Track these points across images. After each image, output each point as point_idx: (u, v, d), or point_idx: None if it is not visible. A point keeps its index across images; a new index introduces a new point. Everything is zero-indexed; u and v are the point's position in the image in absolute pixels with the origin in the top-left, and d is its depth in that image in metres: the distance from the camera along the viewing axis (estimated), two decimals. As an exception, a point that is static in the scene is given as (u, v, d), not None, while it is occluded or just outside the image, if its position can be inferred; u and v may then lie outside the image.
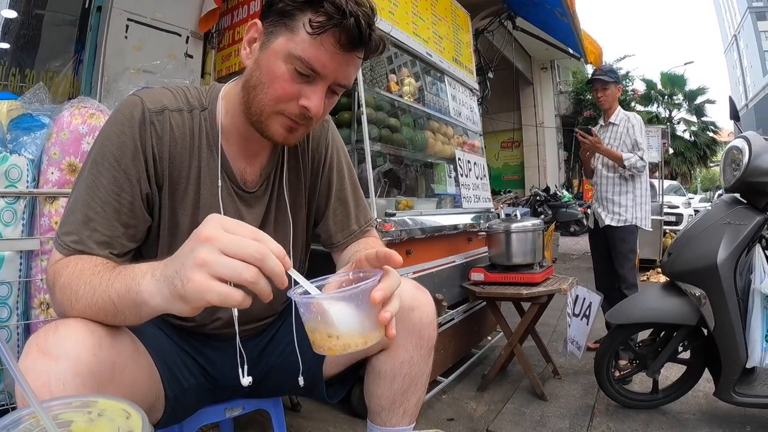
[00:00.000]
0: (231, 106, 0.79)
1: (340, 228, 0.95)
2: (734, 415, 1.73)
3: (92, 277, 0.62)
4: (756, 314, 1.54)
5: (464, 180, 2.55)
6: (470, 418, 1.81)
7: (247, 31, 0.74)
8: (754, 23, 38.11)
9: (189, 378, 0.83)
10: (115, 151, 0.72)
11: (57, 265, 0.67)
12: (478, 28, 4.36)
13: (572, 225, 9.93)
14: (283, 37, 0.69)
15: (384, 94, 2.12)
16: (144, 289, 0.55)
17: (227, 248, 0.49)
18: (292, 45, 0.68)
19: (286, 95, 0.70)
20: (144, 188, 0.75)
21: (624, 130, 2.50)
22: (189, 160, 0.79)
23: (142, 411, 0.40)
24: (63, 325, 0.61)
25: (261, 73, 0.71)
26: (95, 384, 0.58)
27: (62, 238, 0.69)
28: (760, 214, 1.60)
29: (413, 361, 0.86)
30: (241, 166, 0.83)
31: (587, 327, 1.92)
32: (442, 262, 2.14)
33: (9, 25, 2.38)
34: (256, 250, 0.50)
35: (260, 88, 0.71)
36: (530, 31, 5.42)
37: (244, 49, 0.74)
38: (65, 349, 0.57)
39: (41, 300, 1.31)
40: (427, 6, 2.52)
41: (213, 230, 0.50)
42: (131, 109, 0.74)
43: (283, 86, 0.69)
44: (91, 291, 0.61)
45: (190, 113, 0.79)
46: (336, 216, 0.95)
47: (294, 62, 0.68)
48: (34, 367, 0.56)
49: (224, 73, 2.68)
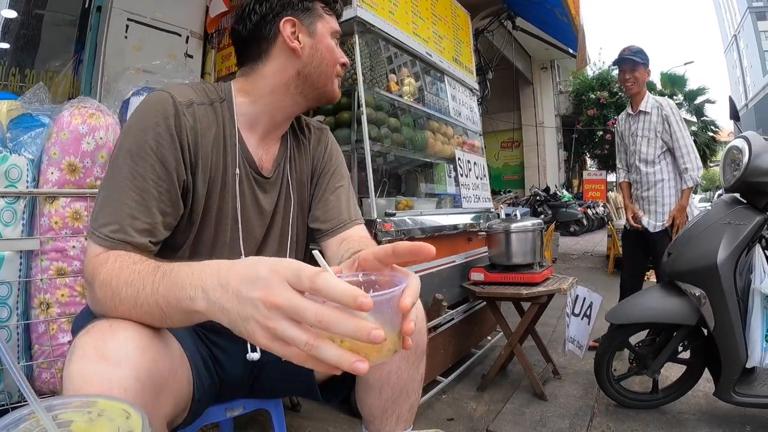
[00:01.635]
0: (266, 95, 0.89)
1: (331, 216, 0.99)
2: (734, 415, 1.73)
3: (133, 276, 0.61)
4: (756, 314, 1.54)
5: (464, 180, 2.55)
6: (470, 418, 1.81)
7: (284, 29, 0.86)
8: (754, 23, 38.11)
9: (206, 378, 0.83)
10: (151, 141, 0.74)
11: (96, 260, 0.67)
12: (478, 28, 4.37)
13: (572, 225, 9.93)
14: (319, 23, 0.90)
15: (384, 94, 2.12)
16: (199, 306, 0.53)
17: (290, 311, 0.46)
18: (328, 26, 0.91)
19: (338, 59, 0.92)
20: (181, 176, 0.78)
21: (658, 119, 2.28)
22: (216, 149, 0.84)
23: (142, 411, 0.40)
24: (120, 329, 0.60)
25: (320, 52, 0.89)
26: (153, 389, 0.58)
27: (100, 230, 0.69)
28: (760, 214, 1.60)
29: (400, 371, 0.85)
30: (259, 154, 0.91)
31: (588, 327, 1.92)
32: (442, 262, 2.14)
33: (9, 25, 2.38)
34: (315, 315, 0.45)
35: (324, 63, 0.90)
36: (530, 31, 5.43)
37: (291, 42, 0.86)
38: (127, 354, 0.57)
39: (41, 300, 1.31)
40: (427, 6, 2.52)
41: (280, 298, 0.46)
42: (162, 102, 0.78)
43: (335, 54, 0.92)
44: (134, 294, 0.59)
45: (211, 106, 0.85)
46: (328, 206, 0.99)
47: (335, 36, 0.92)
48: (96, 372, 0.55)
49: (224, 72, 2.69)
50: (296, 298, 0.45)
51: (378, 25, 2.04)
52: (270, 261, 0.49)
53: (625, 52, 2.41)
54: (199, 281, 0.53)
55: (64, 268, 1.32)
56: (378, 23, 2.04)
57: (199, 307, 0.53)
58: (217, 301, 0.51)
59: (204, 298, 0.52)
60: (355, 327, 0.43)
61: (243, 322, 0.48)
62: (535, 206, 9.35)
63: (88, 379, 0.54)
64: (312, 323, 0.44)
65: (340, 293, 0.43)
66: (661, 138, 2.30)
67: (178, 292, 0.55)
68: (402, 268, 0.55)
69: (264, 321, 0.46)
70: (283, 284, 0.46)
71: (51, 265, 1.31)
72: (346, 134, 2.03)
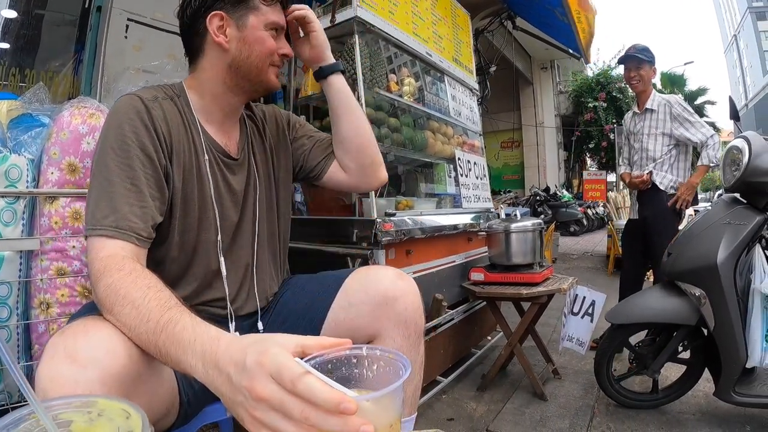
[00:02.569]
0: (208, 89, 0.93)
1: (324, 148, 1.11)
2: (734, 415, 1.73)
3: (141, 301, 0.61)
4: (756, 314, 1.54)
5: (464, 180, 2.55)
6: (470, 418, 1.81)
7: (210, 23, 0.88)
8: (754, 23, 38.11)
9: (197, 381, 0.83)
10: (130, 133, 0.79)
11: (109, 261, 0.67)
12: (478, 28, 4.36)
13: (572, 225, 9.93)
14: (252, 15, 0.89)
15: (384, 94, 2.12)
16: (198, 376, 0.54)
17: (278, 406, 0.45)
18: (263, 17, 0.90)
19: (272, 50, 0.92)
20: (162, 161, 0.83)
21: (664, 116, 2.29)
22: (185, 138, 0.89)
23: (142, 411, 0.40)
24: (94, 330, 0.60)
25: (250, 44, 0.90)
26: (121, 393, 0.58)
27: (102, 223, 0.71)
28: (760, 214, 1.60)
29: (402, 351, 0.85)
30: (223, 140, 0.96)
31: (591, 324, 1.93)
32: (442, 262, 2.14)
33: (9, 25, 2.38)
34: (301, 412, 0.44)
35: (253, 55, 0.90)
36: (530, 31, 5.42)
37: (217, 37, 0.88)
38: (95, 357, 0.57)
39: (41, 300, 1.31)
40: (427, 6, 2.52)
41: (269, 391, 0.45)
42: (131, 101, 0.83)
43: (269, 45, 0.91)
44: (135, 320, 0.60)
45: (172, 100, 0.91)
46: (316, 143, 1.12)
47: (271, 27, 0.91)
48: (61, 372, 0.55)
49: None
50: (280, 394, 0.44)
51: (378, 25, 2.04)
52: (257, 349, 0.48)
53: (630, 50, 2.41)
54: (200, 353, 0.54)
55: (64, 268, 1.32)
56: (378, 23, 2.04)
57: (197, 376, 0.54)
58: (213, 381, 0.52)
59: (203, 372, 0.53)
60: (342, 425, 0.42)
61: (234, 406, 0.49)
62: (535, 206, 9.35)
63: (54, 380, 0.55)
64: (298, 420, 0.44)
65: (322, 400, 0.42)
66: (671, 135, 2.30)
67: (180, 355, 0.56)
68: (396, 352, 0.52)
69: (252, 411, 0.46)
70: (268, 378, 0.45)
71: (51, 265, 1.31)
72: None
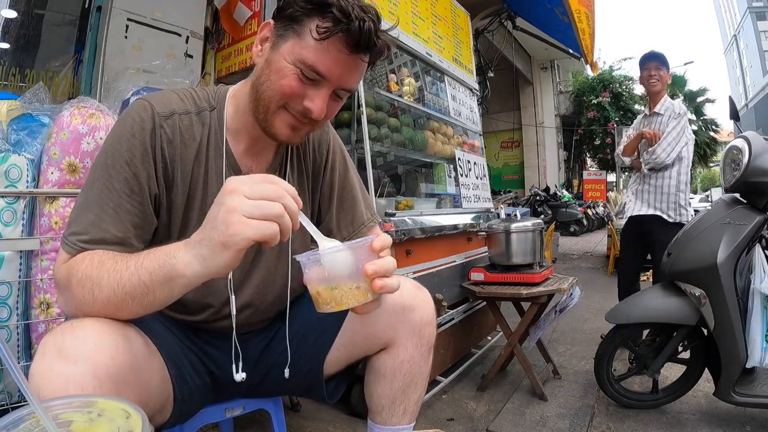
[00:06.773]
0: (241, 104, 0.82)
1: (347, 222, 0.95)
2: (734, 415, 1.73)
3: (116, 264, 0.63)
4: (756, 314, 1.54)
5: (464, 180, 2.55)
6: (470, 418, 1.81)
7: (260, 30, 0.77)
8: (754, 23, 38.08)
9: (195, 378, 0.83)
10: (125, 153, 0.73)
11: (70, 263, 0.67)
12: (478, 28, 4.37)
13: (572, 225, 9.93)
14: (292, 41, 0.72)
15: (384, 94, 2.12)
16: (179, 261, 0.59)
17: (251, 194, 0.56)
18: (299, 50, 0.71)
19: (292, 93, 0.73)
20: (153, 189, 0.76)
21: (667, 119, 2.34)
22: (198, 161, 0.81)
23: (142, 411, 0.40)
24: (80, 326, 0.60)
25: (270, 71, 0.74)
26: (113, 387, 0.58)
27: (71, 238, 0.69)
28: (760, 214, 1.60)
29: (413, 360, 0.87)
30: (248, 164, 0.85)
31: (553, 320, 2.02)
32: (442, 262, 2.14)
33: (9, 25, 2.38)
34: (275, 191, 0.58)
35: (268, 84, 0.74)
36: (530, 31, 5.43)
37: (255, 46, 0.78)
38: (84, 352, 0.57)
39: (41, 300, 1.31)
40: (427, 6, 2.52)
41: (234, 183, 0.57)
42: (141, 113, 0.76)
43: (291, 84, 0.72)
44: (116, 277, 0.62)
45: (198, 115, 0.81)
46: (342, 212, 0.95)
47: (301, 66, 0.71)
48: (52, 369, 0.56)
49: (224, 73, 2.68)
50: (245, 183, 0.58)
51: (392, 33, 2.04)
52: None
53: (650, 53, 2.47)
54: (181, 243, 0.61)
55: (64, 268, 1.32)
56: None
57: (180, 263, 0.58)
58: (195, 239, 0.59)
59: (185, 248, 0.59)
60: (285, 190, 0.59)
61: (220, 223, 0.56)
62: (535, 206, 9.35)
63: (46, 377, 0.56)
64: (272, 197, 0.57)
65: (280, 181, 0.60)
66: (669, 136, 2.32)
67: (163, 257, 0.60)
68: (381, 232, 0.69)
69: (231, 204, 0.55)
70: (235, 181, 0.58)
71: (51, 265, 1.31)
72: (346, 134, 2.03)
